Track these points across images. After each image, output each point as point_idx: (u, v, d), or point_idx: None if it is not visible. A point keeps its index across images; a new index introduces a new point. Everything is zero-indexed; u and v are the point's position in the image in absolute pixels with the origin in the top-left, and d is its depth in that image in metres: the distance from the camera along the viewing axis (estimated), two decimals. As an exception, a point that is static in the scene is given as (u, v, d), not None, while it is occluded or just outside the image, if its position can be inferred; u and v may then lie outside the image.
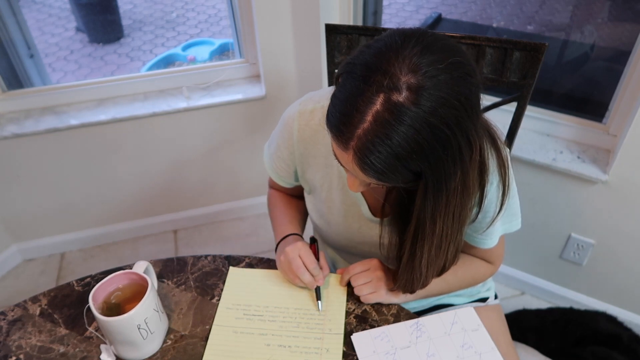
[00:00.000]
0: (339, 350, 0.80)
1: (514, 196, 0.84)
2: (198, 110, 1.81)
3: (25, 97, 1.75)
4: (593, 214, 1.50)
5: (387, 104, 0.55)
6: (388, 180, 0.61)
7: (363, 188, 0.70)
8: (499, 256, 0.94)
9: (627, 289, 1.59)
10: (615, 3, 1.84)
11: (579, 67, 1.76)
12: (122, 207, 2.01)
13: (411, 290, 0.84)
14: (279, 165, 0.95)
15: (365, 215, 0.89)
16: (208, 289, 0.91)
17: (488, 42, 1.03)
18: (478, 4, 3.18)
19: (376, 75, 0.56)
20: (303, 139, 0.88)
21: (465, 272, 0.93)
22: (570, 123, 1.49)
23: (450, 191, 0.64)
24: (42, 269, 1.99)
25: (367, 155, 0.57)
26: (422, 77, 0.54)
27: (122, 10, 3.99)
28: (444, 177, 0.61)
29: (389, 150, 0.56)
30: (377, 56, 0.57)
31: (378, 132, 0.56)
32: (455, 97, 0.56)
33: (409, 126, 0.55)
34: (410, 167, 0.58)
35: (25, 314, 0.87)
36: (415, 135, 0.55)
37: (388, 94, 0.55)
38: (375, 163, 0.57)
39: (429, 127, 0.55)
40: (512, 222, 0.88)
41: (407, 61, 0.55)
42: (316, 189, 0.92)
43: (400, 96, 0.54)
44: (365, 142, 0.57)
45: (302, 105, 0.88)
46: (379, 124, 0.56)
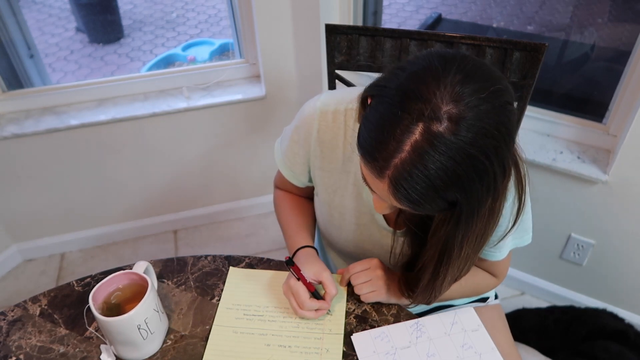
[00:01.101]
0: (339, 351, 0.80)
1: (528, 212, 0.84)
2: (198, 110, 1.81)
3: (25, 97, 1.75)
4: (593, 214, 1.50)
5: (427, 135, 0.53)
6: (421, 210, 0.59)
7: (391, 210, 0.70)
8: (504, 270, 0.94)
9: (627, 289, 1.59)
10: (615, 3, 1.84)
11: (579, 67, 1.76)
12: (122, 207, 2.02)
13: (427, 303, 0.84)
14: (294, 162, 0.91)
15: (379, 224, 0.88)
16: (208, 289, 0.91)
17: (488, 42, 1.03)
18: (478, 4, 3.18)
19: (416, 103, 0.54)
20: (322, 141, 0.85)
21: (469, 282, 0.91)
22: (570, 123, 1.49)
23: (480, 217, 0.64)
24: (42, 269, 1.99)
25: (404, 185, 0.56)
26: (465, 107, 0.53)
27: (122, 11, 3.99)
28: (477, 205, 0.60)
29: (426, 182, 0.55)
30: (415, 82, 0.55)
31: (416, 163, 0.54)
32: (495, 127, 0.54)
33: (449, 157, 0.53)
34: (446, 197, 0.57)
35: (25, 314, 0.87)
36: (454, 166, 0.54)
37: (428, 123, 0.53)
38: (412, 193, 0.56)
39: (468, 158, 0.54)
40: (524, 237, 0.87)
41: (450, 89, 0.53)
42: (329, 192, 0.90)
43: (441, 126, 0.53)
44: (402, 172, 0.55)
45: (323, 104, 0.83)
46: (417, 155, 0.54)
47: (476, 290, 0.96)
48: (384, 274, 0.86)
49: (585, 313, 1.51)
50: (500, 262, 0.89)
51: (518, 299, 1.80)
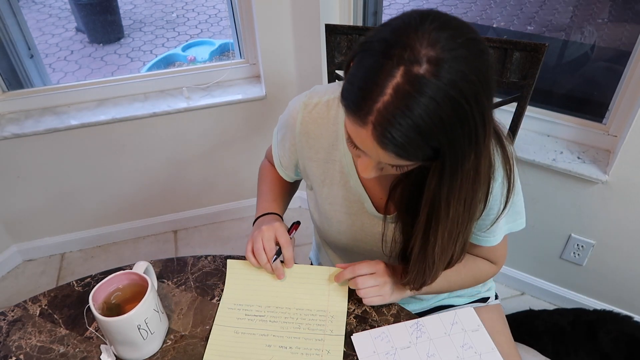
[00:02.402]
0: (339, 352, 0.80)
1: (518, 194, 0.84)
2: (198, 110, 1.81)
3: (26, 97, 1.75)
4: (593, 214, 1.50)
5: (407, 76, 0.55)
6: (407, 156, 0.60)
7: (376, 173, 0.69)
8: (502, 256, 0.94)
9: (627, 289, 1.59)
10: (615, 3, 1.84)
11: (579, 67, 1.76)
12: (122, 207, 2.02)
13: (422, 283, 0.82)
14: (282, 154, 0.96)
15: (369, 211, 0.89)
16: (208, 289, 0.91)
17: (488, 42, 1.03)
18: (478, 4, 3.18)
19: (396, 49, 0.56)
20: (305, 132, 0.88)
21: (468, 271, 0.92)
22: (571, 123, 1.49)
23: (464, 174, 0.65)
24: (42, 270, 1.99)
25: (388, 128, 0.57)
26: (442, 50, 0.55)
27: (122, 11, 3.99)
28: (460, 157, 0.61)
29: (409, 123, 0.56)
30: (396, 32, 0.58)
31: (399, 104, 0.56)
32: (474, 72, 0.56)
33: (430, 98, 0.55)
34: (430, 142, 0.58)
35: (25, 314, 0.87)
36: (436, 107, 0.55)
37: (409, 67, 0.55)
38: (396, 136, 0.57)
39: (449, 100, 0.55)
40: (517, 221, 0.87)
41: (427, 35, 0.56)
42: (318, 184, 0.92)
43: (421, 68, 0.55)
44: (385, 115, 0.56)
45: (308, 97, 0.88)
46: (399, 96, 0.55)
47: (476, 278, 0.95)
48: (390, 280, 0.86)
49: (608, 317, 1.49)
50: (497, 247, 0.89)
51: (518, 299, 1.80)
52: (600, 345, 1.39)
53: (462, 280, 0.93)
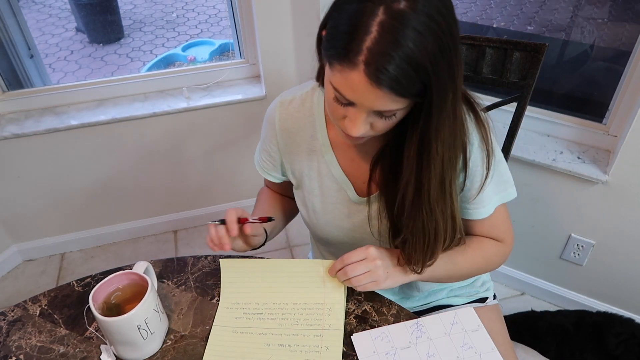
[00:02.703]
0: (338, 348, 0.80)
1: (501, 161, 0.83)
2: (198, 110, 1.81)
3: (26, 97, 1.75)
4: (593, 214, 1.50)
5: (389, 12, 0.58)
6: (401, 91, 0.61)
7: (365, 128, 0.69)
8: (506, 231, 0.90)
9: (627, 289, 1.59)
10: (615, 3, 1.83)
11: (579, 67, 1.76)
12: (122, 207, 2.02)
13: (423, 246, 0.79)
14: (264, 159, 0.98)
15: (352, 199, 0.89)
16: (208, 289, 0.91)
17: (488, 42, 1.03)
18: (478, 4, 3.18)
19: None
20: (285, 128, 0.90)
21: (474, 251, 0.88)
22: (571, 123, 1.49)
23: (446, 113, 0.66)
24: (42, 270, 1.99)
25: (381, 62, 0.59)
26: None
27: (122, 11, 3.99)
28: (443, 93, 0.63)
29: (400, 54, 0.58)
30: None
31: (387, 38, 0.58)
32: (443, 6, 0.60)
33: (414, 29, 0.58)
34: (420, 74, 0.60)
35: (25, 314, 0.87)
36: (421, 38, 0.58)
37: (389, 4, 0.58)
38: (390, 69, 0.59)
39: (430, 31, 0.58)
40: (507, 190, 0.86)
41: None
42: (303, 179, 0.93)
43: (400, 4, 0.58)
44: (376, 51, 0.58)
45: (281, 97, 0.92)
46: (386, 31, 0.58)
47: (485, 258, 0.90)
48: (382, 263, 0.81)
49: (615, 319, 1.48)
50: (495, 221, 0.87)
51: (518, 299, 1.80)
52: (609, 348, 1.39)
53: (469, 261, 0.88)
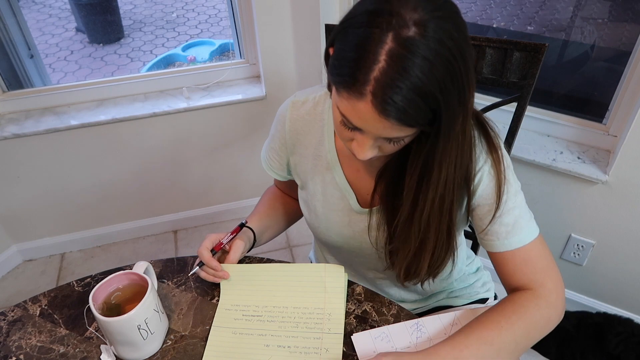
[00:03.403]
0: (338, 350, 0.80)
1: (518, 193, 0.80)
2: (198, 110, 1.81)
3: (26, 97, 1.75)
4: (593, 214, 1.50)
5: (398, 40, 0.56)
6: (408, 121, 0.60)
7: (372, 152, 0.69)
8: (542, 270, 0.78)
9: (627, 289, 1.59)
10: (615, 3, 1.83)
11: (579, 67, 1.76)
12: (122, 207, 2.02)
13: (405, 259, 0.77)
14: (272, 156, 0.97)
15: (354, 208, 0.89)
16: (208, 289, 0.91)
17: (488, 42, 1.03)
18: (478, 4, 3.18)
19: (382, 17, 0.57)
20: (295, 129, 0.90)
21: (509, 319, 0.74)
22: (571, 123, 1.49)
23: (455, 136, 0.66)
24: (42, 270, 1.99)
25: (388, 94, 0.57)
26: (424, 12, 0.57)
27: (122, 11, 3.99)
28: (453, 118, 0.62)
29: (408, 85, 0.56)
30: (379, 2, 0.59)
31: (396, 68, 0.56)
32: (455, 30, 0.58)
33: (423, 58, 0.56)
34: (429, 103, 0.59)
35: (25, 314, 0.87)
36: (430, 66, 0.56)
37: (397, 31, 0.56)
38: (397, 101, 0.57)
39: (440, 58, 0.57)
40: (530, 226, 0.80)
41: (407, 1, 0.58)
42: (307, 181, 0.93)
43: (410, 31, 0.56)
44: (384, 81, 0.57)
45: (295, 97, 0.91)
46: (395, 60, 0.56)
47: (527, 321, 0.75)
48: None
49: (615, 319, 1.48)
50: (526, 257, 0.78)
51: (518, 299, 1.79)
52: (609, 348, 1.39)
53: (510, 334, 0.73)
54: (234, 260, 0.89)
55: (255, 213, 1.03)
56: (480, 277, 1.08)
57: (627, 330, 1.41)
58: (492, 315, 0.76)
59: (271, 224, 1.03)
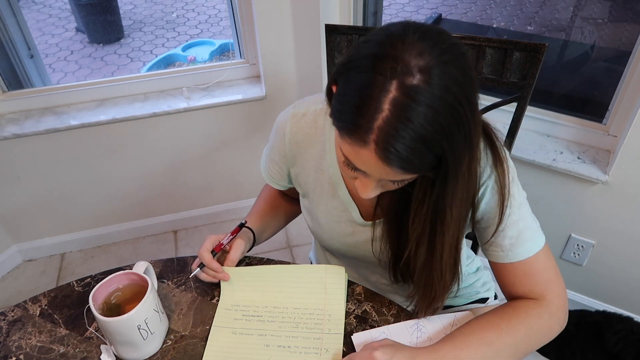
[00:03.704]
0: (338, 350, 0.80)
1: (522, 205, 0.80)
2: (198, 110, 1.81)
3: (26, 97, 1.75)
4: (593, 214, 1.50)
5: (403, 89, 0.55)
6: (412, 169, 0.59)
7: (376, 192, 0.68)
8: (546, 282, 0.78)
9: (627, 289, 1.59)
10: (615, 3, 1.84)
11: (579, 67, 1.76)
12: (122, 207, 2.02)
13: (431, 300, 0.78)
14: (272, 168, 0.96)
15: (356, 221, 0.89)
16: (208, 289, 0.91)
17: (488, 42, 1.03)
18: (478, 4, 3.18)
19: (386, 63, 0.56)
20: (295, 142, 0.88)
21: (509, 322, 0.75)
22: (571, 123, 1.49)
23: (462, 176, 0.65)
24: (42, 270, 1.99)
25: (392, 143, 0.56)
26: (430, 58, 0.56)
27: (122, 11, 3.99)
28: (459, 160, 0.61)
29: (412, 135, 0.55)
30: (382, 46, 0.58)
31: (399, 118, 0.55)
32: (461, 74, 0.57)
33: (428, 106, 0.55)
34: (434, 150, 0.58)
35: (25, 314, 0.87)
36: (434, 114, 0.55)
37: (402, 79, 0.55)
38: (401, 150, 0.56)
39: (445, 105, 0.56)
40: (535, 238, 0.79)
41: (413, 46, 0.56)
42: (309, 192, 0.92)
43: (414, 79, 0.55)
44: (387, 130, 0.56)
45: (295, 108, 0.88)
46: (398, 110, 0.55)
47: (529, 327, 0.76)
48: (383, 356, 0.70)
49: (614, 317, 1.48)
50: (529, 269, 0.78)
51: (518, 299, 1.79)
52: (608, 346, 1.39)
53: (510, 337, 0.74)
54: (234, 260, 0.89)
55: (253, 212, 1.02)
56: (480, 277, 1.08)
57: (626, 328, 1.41)
58: (493, 318, 0.76)
59: (270, 223, 1.03)
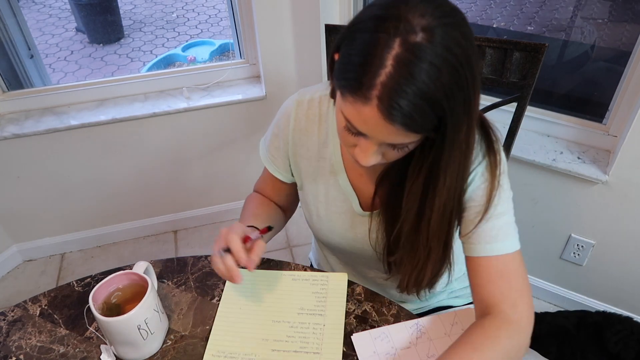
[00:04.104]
0: (338, 351, 0.80)
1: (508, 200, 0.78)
2: (198, 110, 1.81)
3: (26, 97, 1.75)
4: (593, 214, 1.50)
5: (406, 45, 0.56)
6: (414, 127, 0.60)
7: (376, 159, 0.68)
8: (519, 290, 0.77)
9: (627, 289, 1.59)
10: (615, 3, 1.84)
11: (579, 67, 1.76)
12: (122, 207, 2.02)
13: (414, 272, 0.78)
14: (276, 156, 0.95)
15: (356, 210, 0.89)
16: (208, 289, 0.91)
17: (488, 42, 1.03)
18: (478, 4, 3.18)
19: (389, 22, 0.57)
20: (298, 129, 0.88)
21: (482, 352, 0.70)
22: (571, 123, 1.49)
23: (458, 144, 0.65)
24: (42, 270, 1.99)
25: (395, 98, 0.57)
26: (432, 19, 0.57)
27: (122, 11, 3.99)
28: (458, 126, 0.62)
29: (415, 90, 0.56)
30: (386, 8, 0.59)
31: (403, 73, 0.56)
32: (462, 37, 0.58)
33: (430, 63, 0.56)
34: (435, 109, 0.58)
35: (25, 314, 0.87)
36: (437, 72, 0.56)
37: (405, 36, 0.56)
38: (403, 105, 0.57)
39: (447, 64, 0.57)
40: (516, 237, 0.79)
41: (416, 7, 0.58)
42: (308, 183, 0.92)
43: (417, 37, 0.56)
44: (390, 86, 0.57)
45: (300, 95, 0.89)
46: (401, 65, 0.56)
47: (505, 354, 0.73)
48: None
49: (614, 318, 1.48)
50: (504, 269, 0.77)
51: (518, 299, 1.79)
52: (608, 346, 1.39)
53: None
54: (256, 262, 0.80)
55: (253, 215, 0.96)
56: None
57: (626, 328, 1.41)
58: (463, 348, 0.71)
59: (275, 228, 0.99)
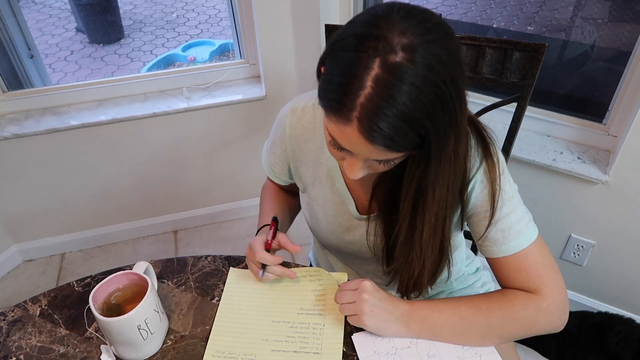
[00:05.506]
0: (338, 351, 0.80)
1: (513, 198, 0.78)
2: (198, 110, 1.81)
3: (26, 97, 1.75)
4: (593, 214, 1.50)
5: (385, 66, 0.55)
6: (395, 147, 0.60)
7: (363, 172, 0.69)
8: (540, 277, 0.77)
9: (627, 289, 1.59)
10: (615, 3, 1.84)
11: (579, 67, 1.76)
12: (122, 207, 2.02)
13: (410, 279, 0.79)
14: (274, 162, 0.97)
15: (353, 214, 0.89)
16: (208, 289, 0.91)
17: (488, 42, 1.03)
18: (478, 4, 3.18)
19: (369, 41, 0.56)
20: (294, 136, 0.89)
21: (490, 302, 0.77)
22: (571, 124, 1.49)
23: (447, 157, 0.65)
24: (42, 270, 1.99)
25: (374, 120, 0.56)
26: (413, 36, 0.56)
27: (122, 11, 3.99)
28: (443, 140, 0.62)
29: (394, 112, 0.56)
30: (366, 26, 0.58)
31: (382, 95, 0.55)
32: (446, 54, 0.57)
33: (411, 84, 0.55)
34: (417, 128, 0.58)
35: (25, 314, 0.87)
36: (417, 93, 0.55)
37: (385, 56, 0.55)
38: (383, 127, 0.57)
39: (429, 83, 0.56)
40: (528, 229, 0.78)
41: (397, 25, 0.56)
42: (308, 187, 0.93)
43: (397, 56, 0.55)
44: (369, 108, 0.56)
45: (294, 103, 0.90)
46: (381, 87, 0.55)
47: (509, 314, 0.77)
48: (370, 298, 0.77)
49: (610, 318, 1.48)
50: (523, 264, 0.77)
51: (518, 299, 1.79)
52: (609, 346, 1.39)
53: (484, 315, 0.77)
54: (297, 248, 0.85)
55: (268, 210, 1.01)
56: (479, 278, 1.08)
57: (627, 329, 1.42)
58: (478, 297, 0.79)
59: (284, 219, 1.03)
